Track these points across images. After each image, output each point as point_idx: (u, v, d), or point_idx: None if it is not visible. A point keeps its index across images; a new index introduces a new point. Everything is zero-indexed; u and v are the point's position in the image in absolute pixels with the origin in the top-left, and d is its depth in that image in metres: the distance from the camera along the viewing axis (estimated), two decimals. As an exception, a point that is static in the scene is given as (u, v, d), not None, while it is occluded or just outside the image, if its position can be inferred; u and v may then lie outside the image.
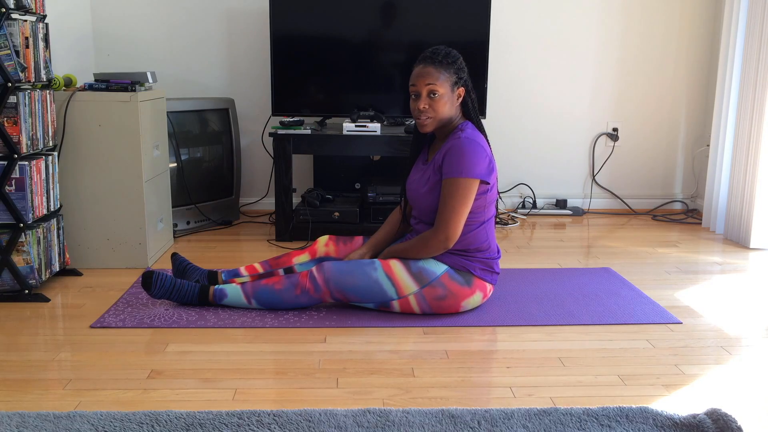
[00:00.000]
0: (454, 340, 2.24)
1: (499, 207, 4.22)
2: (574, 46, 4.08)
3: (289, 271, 2.59)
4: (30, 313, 2.47)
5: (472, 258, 2.39)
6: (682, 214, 4.15)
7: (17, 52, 2.47)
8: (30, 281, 2.57)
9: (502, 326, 2.36)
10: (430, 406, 1.80)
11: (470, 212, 2.35)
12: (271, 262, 2.62)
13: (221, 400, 1.83)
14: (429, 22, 3.62)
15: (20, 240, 2.53)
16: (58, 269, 2.76)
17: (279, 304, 2.44)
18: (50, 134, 2.71)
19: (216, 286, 2.48)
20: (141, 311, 2.45)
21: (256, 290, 2.44)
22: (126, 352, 2.13)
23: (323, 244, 2.63)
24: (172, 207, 3.41)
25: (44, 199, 2.64)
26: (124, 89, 2.86)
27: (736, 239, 3.53)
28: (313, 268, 2.40)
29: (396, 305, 2.40)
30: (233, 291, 2.46)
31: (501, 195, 4.21)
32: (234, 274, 2.62)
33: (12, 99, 2.45)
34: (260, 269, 2.62)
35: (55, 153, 2.74)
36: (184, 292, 2.46)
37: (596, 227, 3.83)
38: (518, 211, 4.15)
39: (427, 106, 2.34)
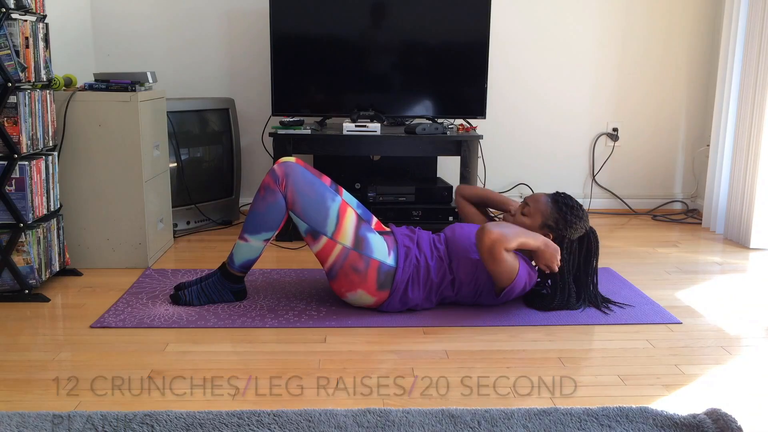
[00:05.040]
0: (454, 340, 2.24)
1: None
2: (574, 46, 4.08)
3: None
4: (30, 313, 2.47)
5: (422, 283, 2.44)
6: (682, 214, 4.15)
7: (17, 52, 2.47)
8: (30, 281, 2.57)
9: (502, 326, 2.36)
10: (430, 406, 1.80)
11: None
12: None
13: (221, 400, 1.83)
14: (429, 22, 3.62)
15: (20, 240, 2.53)
16: (58, 269, 2.77)
17: (255, 217, 2.44)
18: (50, 134, 2.70)
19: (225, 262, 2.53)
20: (141, 311, 2.45)
21: (244, 224, 2.48)
22: (126, 352, 2.13)
23: None
24: (172, 207, 3.41)
25: (44, 199, 2.64)
26: (124, 89, 2.87)
27: (736, 239, 3.53)
28: (278, 162, 2.47)
29: (322, 242, 2.39)
30: (236, 247, 2.49)
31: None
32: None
33: (12, 99, 2.45)
34: None
35: (55, 153, 2.74)
36: (212, 286, 2.50)
37: (596, 227, 3.83)
38: (518, 211, 4.15)
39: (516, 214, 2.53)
